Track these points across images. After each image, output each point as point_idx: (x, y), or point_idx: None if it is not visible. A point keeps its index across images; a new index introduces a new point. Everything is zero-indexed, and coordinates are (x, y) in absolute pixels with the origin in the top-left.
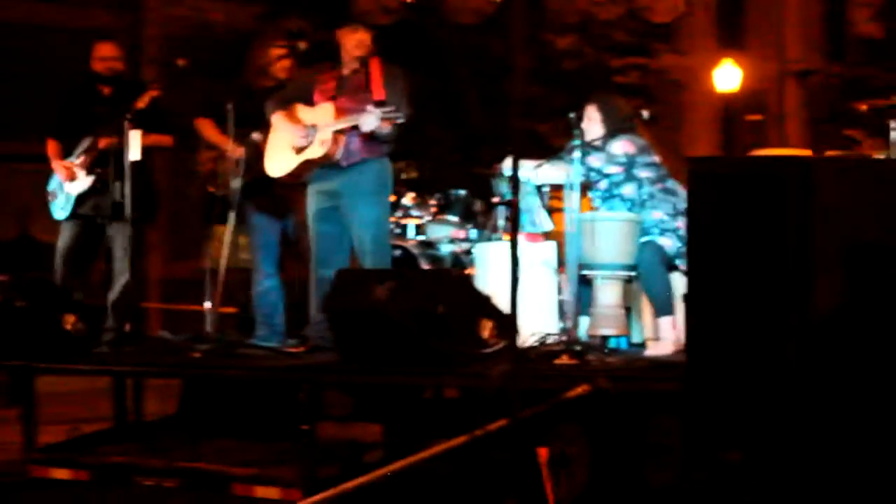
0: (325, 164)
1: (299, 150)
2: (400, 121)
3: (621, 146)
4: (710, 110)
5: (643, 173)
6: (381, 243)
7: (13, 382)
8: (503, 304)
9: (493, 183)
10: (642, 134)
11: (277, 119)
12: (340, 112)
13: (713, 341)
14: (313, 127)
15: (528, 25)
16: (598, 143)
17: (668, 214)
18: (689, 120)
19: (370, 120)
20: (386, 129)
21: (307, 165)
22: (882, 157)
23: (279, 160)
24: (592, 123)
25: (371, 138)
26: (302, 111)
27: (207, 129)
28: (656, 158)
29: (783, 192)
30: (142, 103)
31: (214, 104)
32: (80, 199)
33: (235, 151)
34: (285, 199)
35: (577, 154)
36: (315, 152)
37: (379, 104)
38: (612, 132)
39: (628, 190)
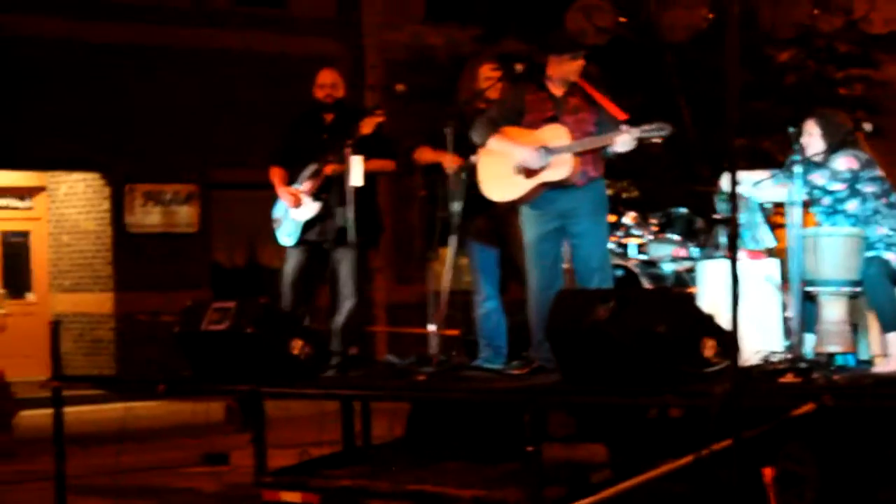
0: (557, 186)
1: (529, 173)
2: (658, 140)
3: (845, 162)
4: None
5: (867, 188)
6: (608, 262)
7: (243, 407)
8: (726, 323)
9: (714, 200)
10: (865, 147)
11: (495, 142)
12: (575, 131)
13: None
14: (545, 148)
15: (743, 40)
16: (818, 158)
17: (894, 229)
18: None
19: (626, 140)
20: (629, 148)
21: (541, 188)
22: None
23: (504, 184)
24: (813, 138)
25: (598, 158)
26: (525, 132)
27: (425, 153)
28: (880, 172)
29: None
30: (366, 129)
31: (433, 129)
32: (307, 225)
33: (455, 163)
34: (503, 221)
35: (798, 169)
36: (556, 175)
37: (626, 123)
38: (834, 147)
39: (852, 206)
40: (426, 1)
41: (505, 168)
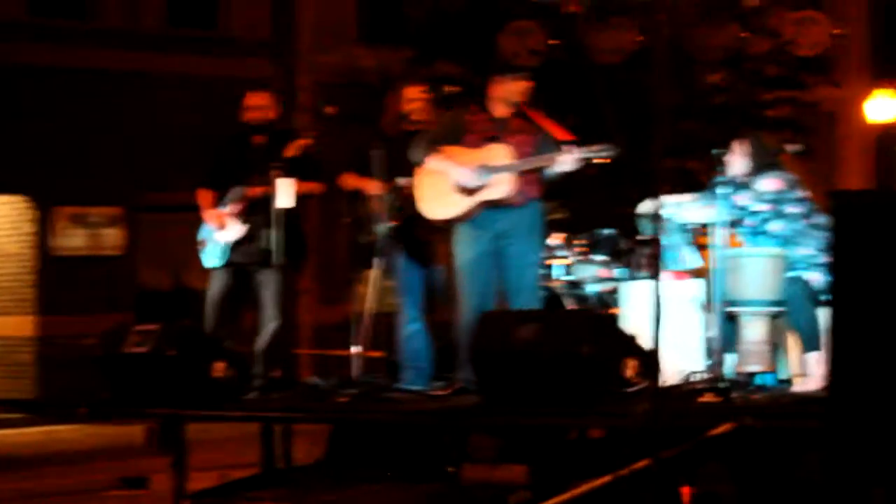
0: (495, 205)
1: (468, 192)
2: (608, 158)
3: (770, 183)
4: (863, 142)
5: (791, 209)
6: (536, 285)
7: (164, 430)
8: (648, 343)
9: (638, 221)
10: (790, 168)
11: (435, 161)
12: (515, 152)
13: (857, 376)
14: (485, 168)
15: (672, 61)
16: (744, 179)
17: (817, 249)
18: (841, 152)
19: (567, 161)
20: (572, 168)
21: (480, 206)
22: None
23: (444, 202)
24: (739, 159)
25: (536, 179)
26: (465, 151)
27: (349, 179)
28: (805, 193)
29: None
30: (292, 151)
31: (358, 152)
32: (231, 247)
33: (379, 190)
34: (430, 244)
35: (722, 190)
36: (495, 193)
37: (568, 144)
38: (760, 168)
39: (776, 227)
40: (358, 22)
41: (444, 186)
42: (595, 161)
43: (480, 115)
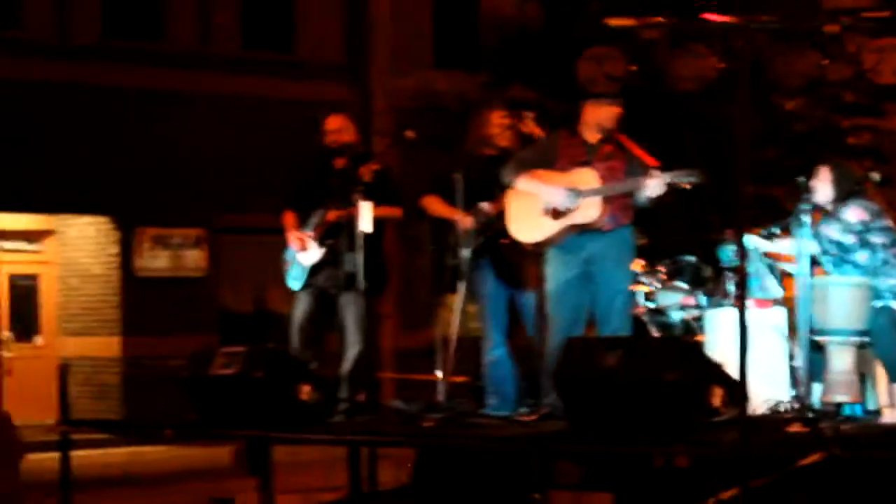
0: (585, 230)
1: (557, 215)
2: (688, 187)
3: (855, 213)
4: None
5: (877, 239)
6: (628, 311)
7: (251, 452)
8: (734, 372)
9: (721, 249)
10: (874, 197)
11: (524, 182)
12: (606, 178)
13: None
14: (574, 191)
15: (752, 89)
16: (828, 206)
17: None
18: None
19: (656, 185)
20: (659, 193)
21: (569, 230)
22: None
23: (531, 225)
24: (823, 185)
25: (627, 204)
26: (552, 176)
27: (434, 204)
28: (889, 222)
29: None
30: (366, 176)
31: (440, 176)
32: (314, 270)
33: (465, 221)
34: (518, 266)
35: (807, 218)
36: (584, 217)
37: (659, 170)
38: (844, 196)
39: (862, 257)
40: (434, 47)
41: (533, 209)
42: (681, 186)
43: (572, 139)
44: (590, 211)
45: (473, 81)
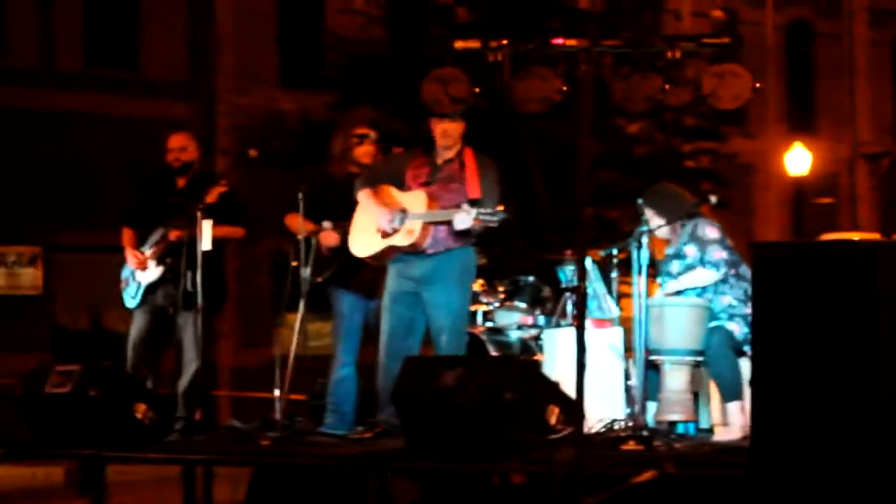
0: (410, 251)
1: (385, 235)
2: (493, 224)
3: (709, 231)
4: (780, 194)
5: (719, 257)
6: (459, 332)
7: (84, 471)
8: (571, 390)
9: (560, 269)
10: (712, 219)
11: (364, 197)
12: (433, 202)
13: (779, 426)
14: (403, 212)
15: (595, 112)
16: (674, 227)
17: (739, 300)
18: (759, 204)
19: (464, 219)
20: (477, 227)
21: (392, 251)
22: None
23: (363, 240)
24: (651, 216)
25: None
26: (392, 193)
27: (295, 221)
28: (730, 242)
29: (846, 278)
30: (211, 198)
31: (311, 192)
32: (151, 288)
33: (330, 238)
34: (373, 284)
35: (645, 240)
36: (402, 241)
37: (474, 203)
38: (678, 217)
39: (703, 276)
40: (279, 66)
41: (370, 224)
42: (488, 224)
43: (422, 158)
44: (408, 236)
45: (318, 101)
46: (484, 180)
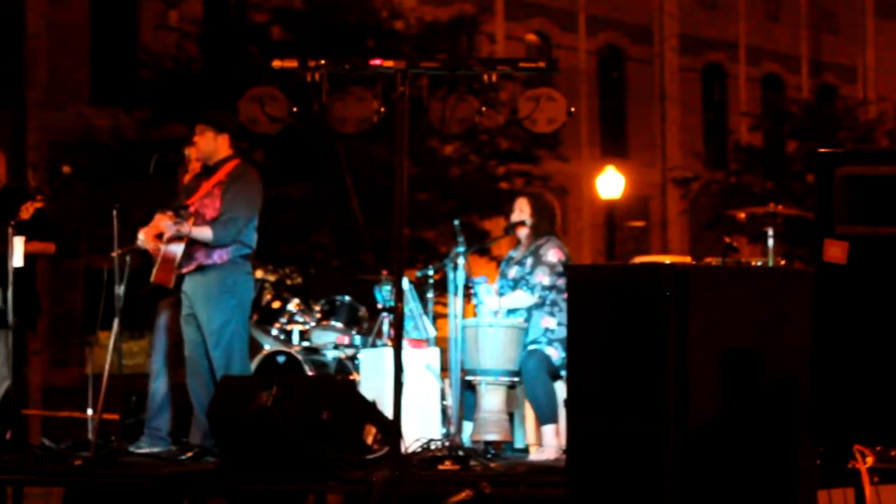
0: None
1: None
2: (184, 231)
3: (555, 254)
4: (593, 216)
5: (536, 281)
6: (226, 350)
7: None
8: (387, 410)
9: (376, 289)
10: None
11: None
12: (193, 218)
13: (593, 446)
14: (161, 235)
15: (412, 134)
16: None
17: (562, 324)
18: (572, 226)
19: (142, 239)
20: (185, 230)
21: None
22: (760, 263)
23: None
24: (523, 215)
25: (206, 243)
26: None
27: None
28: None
29: (658, 300)
30: (25, 215)
31: (100, 209)
32: None
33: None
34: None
35: (461, 261)
36: (157, 262)
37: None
38: (543, 230)
39: (528, 299)
40: (91, 83)
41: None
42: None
43: (198, 176)
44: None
45: (131, 118)
46: (233, 183)
